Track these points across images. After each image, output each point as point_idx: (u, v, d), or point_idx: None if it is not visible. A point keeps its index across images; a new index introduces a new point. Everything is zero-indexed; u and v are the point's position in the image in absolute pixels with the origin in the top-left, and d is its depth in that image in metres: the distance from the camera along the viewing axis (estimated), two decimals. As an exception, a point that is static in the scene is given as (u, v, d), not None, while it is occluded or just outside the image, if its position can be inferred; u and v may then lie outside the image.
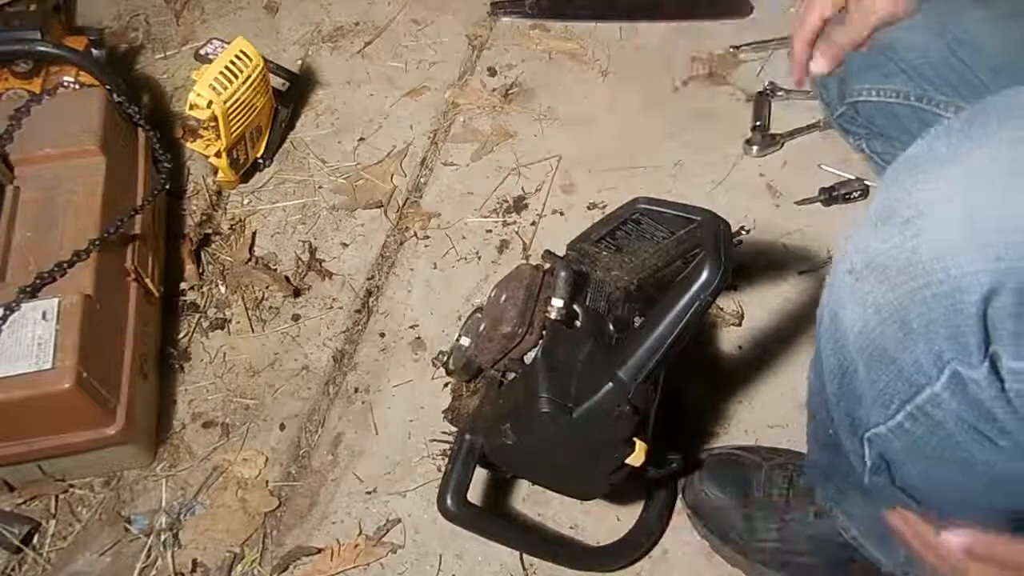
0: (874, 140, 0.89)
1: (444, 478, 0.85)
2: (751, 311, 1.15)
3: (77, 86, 1.22)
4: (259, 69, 1.23)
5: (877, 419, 0.58)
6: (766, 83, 1.41)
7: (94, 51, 1.26)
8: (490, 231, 1.27)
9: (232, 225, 1.28)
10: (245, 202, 1.32)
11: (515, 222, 1.27)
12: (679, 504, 0.98)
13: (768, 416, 1.06)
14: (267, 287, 1.21)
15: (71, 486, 1.02)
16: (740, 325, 1.14)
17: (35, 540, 0.99)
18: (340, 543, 0.98)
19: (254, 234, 1.27)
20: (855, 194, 1.25)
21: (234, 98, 1.19)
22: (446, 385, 1.08)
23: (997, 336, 0.46)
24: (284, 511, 1.02)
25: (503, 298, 0.87)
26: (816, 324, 0.63)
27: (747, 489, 0.93)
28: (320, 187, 1.33)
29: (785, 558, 0.90)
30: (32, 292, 0.94)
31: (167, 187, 1.17)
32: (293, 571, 0.97)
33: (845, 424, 0.64)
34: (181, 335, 1.16)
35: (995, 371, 0.47)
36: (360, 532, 0.99)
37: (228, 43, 1.22)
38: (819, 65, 0.86)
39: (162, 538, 0.99)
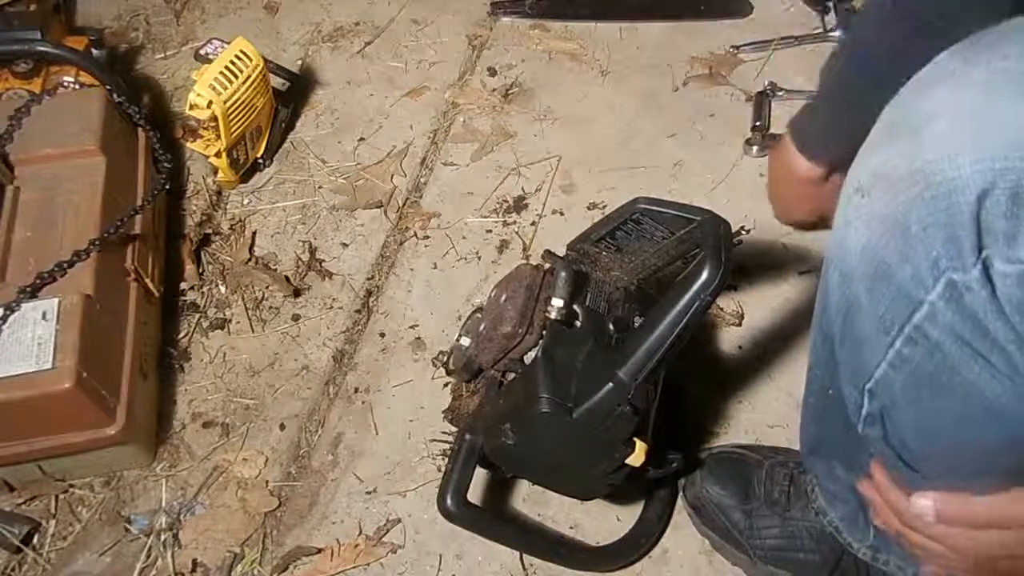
0: None
1: (444, 478, 0.85)
2: (751, 311, 1.15)
3: (77, 86, 1.22)
4: (259, 69, 1.23)
5: (878, 356, 0.58)
6: (766, 83, 1.41)
7: (94, 51, 1.26)
8: (490, 231, 1.27)
9: (232, 225, 1.28)
10: (245, 202, 1.32)
11: (515, 222, 1.27)
12: (680, 503, 0.98)
13: (768, 416, 1.06)
14: (267, 287, 1.21)
15: (71, 486, 1.02)
16: (740, 325, 1.14)
17: (35, 540, 0.99)
18: (340, 543, 0.98)
19: (254, 234, 1.27)
20: (855, 194, 1.25)
21: (234, 98, 1.19)
22: (446, 385, 1.08)
23: (989, 238, 0.46)
24: (284, 511, 1.02)
25: (503, 298, 0.87)
26: (824, 266, 0.63)
27: (748, 487, 0.93)
28: (320, 187, 1.33)
29: (786, 555, 0.90)
30: (32, 292, 0.94)
31: (167, 187, 1.17)
32: (293, 571, 0.97)
33: (847, 375, 0.64)
34: (181, 335, 1.16)
35: (987, 276, 0.47)
36: (360, 532, 0.99)
37: (228, 43, 1.23)
38: None
39: (162, 538, 0.99)
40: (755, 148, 1.33)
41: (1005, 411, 0.54)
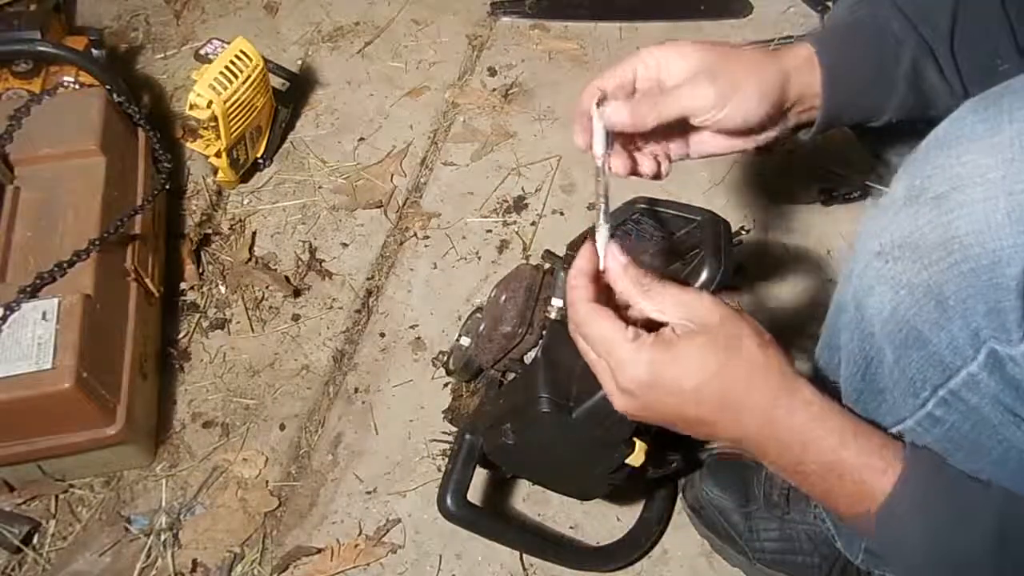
0: None
1: (444, 478, 0.85)
2: (751, 311, 1.15)
3: (77, 86, 1.22)
4: (259, 69, 1.23)
5: (903, 412, 0.57)
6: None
7: (94, 51, 1.26)
8: (490, 231, 1.27)
9: (232, 225, 1.28)
10: (245, 202, 1.32)
11: (515, 222, 1.27)
12: (679, 504, 0.98)
13: (768, 416, 1.06)
14: (267, 287, 1.21)
15: (71, 486, 1.02)
16: (740, 325, 1.14)
17: (35, 540, 0.99)
18: (340, 543, 0.98)
19: (254, 234, 1.27)
20: (855, 194, 1.25)
21: (234, 98, 1.19)
22: (446, 385, 1.08)
23: None
24: (284, 511, 1.02)
25: (503, 298, 0.87)
26: (832, 317, 0.63)
27: (747, 489, 0.93)
28: (320, 187, 1.33)
29: (785, 558, 0.90)
30: (32, 292, 0.94)
31: (167, 187, 1.17)
32: (293, 571, 0.97)
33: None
34: (181, 335, 1.16)
35: None
36: (360, 532, 0.99)
37: (228, 43, 1.22)
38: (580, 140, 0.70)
39: (162, 538, 0.99)
40: (755, 148, 1.33)
41: None
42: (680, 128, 0.69)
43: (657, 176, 0.73)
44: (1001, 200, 0.45)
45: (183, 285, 1.21)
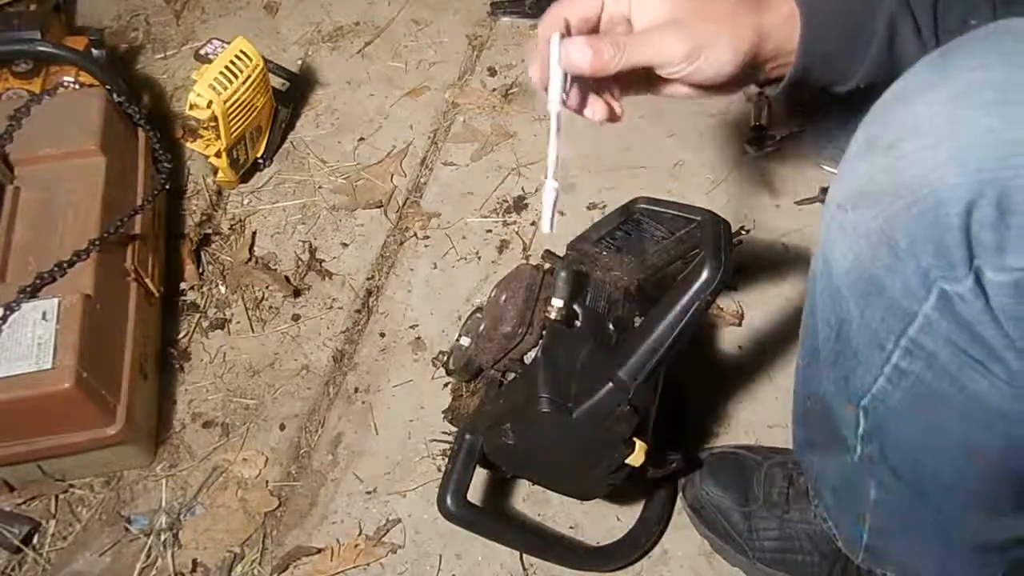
0: None
1: (444, 478, 0.85)
2: (751, 311, 1.15)
3: (77, 86, 1.22)
4: (259, 69, 1.23)
5: (874, 371, 0.58)
6: (766, 83, 1.40)
7: (94, 51, 1.26)
8: (490, 231, 1.27)
9: (232, 225, 1.28)
10: (245, 202, 1.32)
11: (515, 222, 1.27)
12: (679, 504, 0.98)
13: (768, 416, 1.06)
14: (267, 287, 1.21)
15: (71, 486, 1.02)
16: (740, 325, 1.14)
17: (35, 540, 0.99)
18: (340, 543, 0.98)
19: (254, 234, 1.27)
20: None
21: (234, 98, 1.19)
22: (446, 385, 1.08)
23: (979, 248, 0.47)
24: (284, 511, 1.02)
25: (503, 298, 0.87)
26: (809, 284, 0.63)
27: (747, 488, 0.93)
28: (320, 187, 1.33)
29: (785, 557, 0.90)
30: (32, 292, 0.94)
31: (167, 187, 1.17)
32: (293, 571, 0.97)
33: (842, 393, 0.64)
34: (181, 335, 1.16)
35: (980, 286, 0.48)
36: (360, 532, 0.99)
37: (228, 43, 1.22)
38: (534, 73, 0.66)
39: (162, 538, 0.99)
40: (755, 148, 1.33)
41: (1005, 415, 0.54)
42: (644, 73, 0.65)
43: (611, 120, 0.68)
44: (945, 144, 0.46)
45: (183, 285, 1.21)
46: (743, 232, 1.09)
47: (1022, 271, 0.46)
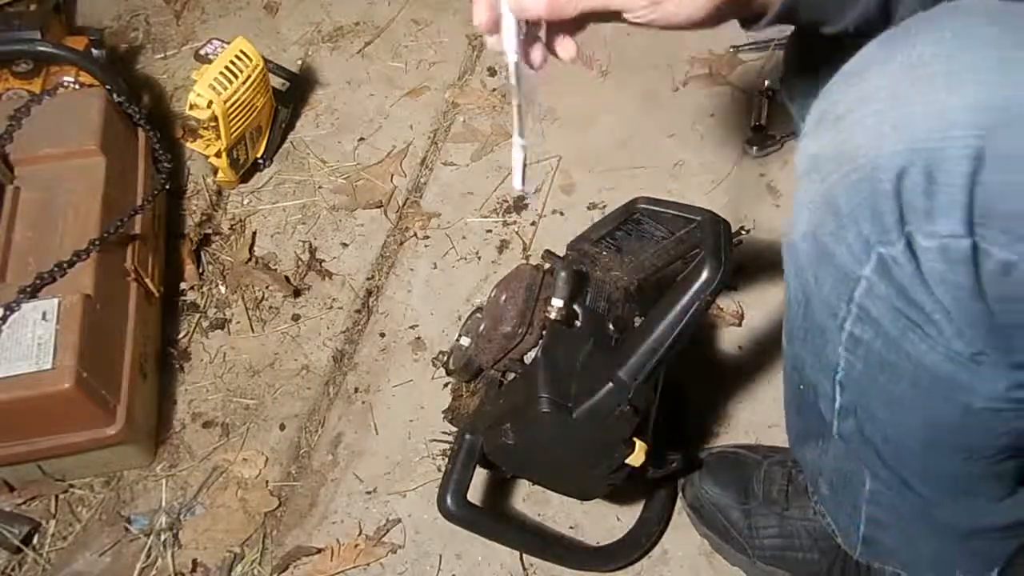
0: None
1: (444, 478, 0.85)
2: (751, 311, 1.15)
3: (77, 86, 1.22)
4: (259, 69, 1.23)
5: (836, 342, 0.59)
6: (766, 83, 1.41)
7: (94, 51, 1.26)
8: (490, 231, 1.27)
9: (232, 225, 1.28)
10: (245, 202, 1.32)
11: (515, 222, 1.27)
12: (679, 503, 0.98)
13: (768, 416, 1.06)
14: (267, 287, 1.21)
15: (71, 486, 1.02)
16: (740, 325, 1.14)
17: (35, 540, 0.99)
18: (340, 543, 0.98)
19: (254, 234, 1.27)
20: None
21: (234, 98, 1.19)
22: (446, 385, 1.08)
23: (911, 214, 0.48)
24: (284, 511, 1.02)
25: (503, 298, 0.87)
26: (783, 262, 0.64)
27: (747, 486, 0.93)
28: (320, 187, 1.33)
29: (785, 555, 0.90)
30: (32, 292, 0.94)
31: (167, 187, 1.17)
32: (293, 571, 0.97)
33: (818, 368, 0.64)
34: (181, 335, 1.16)
35: (912, 251, 0.49)
36: (360, 532, 0.99)
37: (228, 43, 1.22)
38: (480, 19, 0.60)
39: (162, 538, 0.99)
40: (755, 148, 1.33)
41: (947, 382, 0.55)
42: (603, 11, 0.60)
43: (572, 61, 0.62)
44: (888, 115, 0.47)
45: (183, 285, 1.21)
46: (743, 232, 1.09)
47: (949, 237, 0.47)
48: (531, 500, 1.01)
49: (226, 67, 1.19)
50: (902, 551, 0.79)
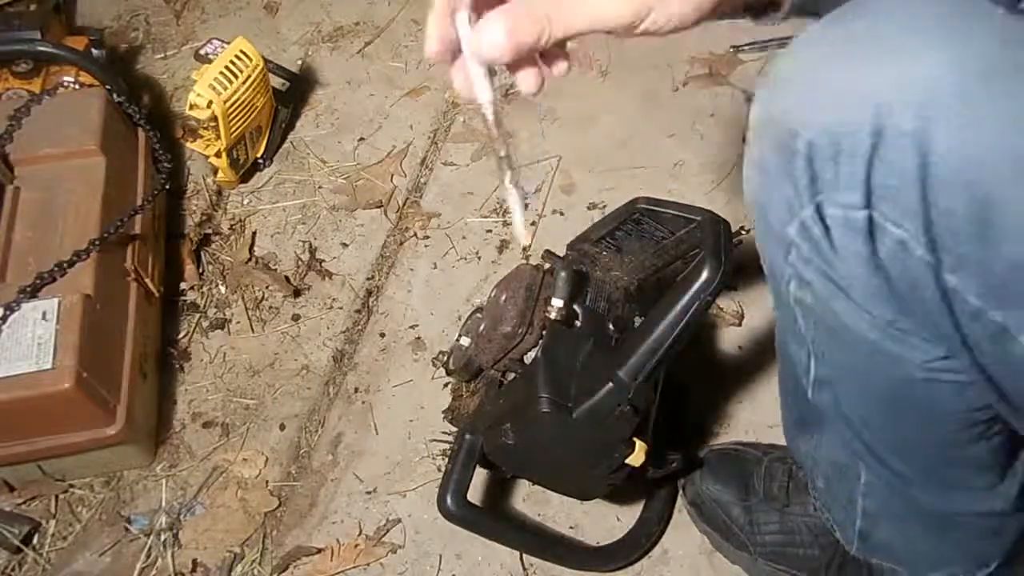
0: None
1: (444, 478, 0.85)
2: (751, 311, 1.15)
3: (77, 86, 1.22)
4: (259, 69, 1.23)
5: (789, 308, 0.60)
6: (766, 83, 1.41)
7: (94, 51, 1.26)
8: (490, 231, 1.27)
9: (232, 225, 1.28)
10: (245, 202, 1.32)
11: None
12: (680, 503, 0.98)
13: (768, 416, 1.06)
14: (267, 287, 1.21)
15: (71, 486, 1.02)
16: (740, 325, 1.14)
17: (35, 540, 0.99)
18: (340, 543, 0.98)
19: (254, 234, 1.27)
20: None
21: (234, 98, 1.19)
22: (446, 385, 1.08)
23: (821, 182, 0.49)
24: (284, 511, 1.02)
25: (503, 298, 0.87)
26: None
27: (747, 483, 0.93)
28: (320, 187, 1.33)
29: (786, 551, 0.90)
30: (32, 292, 0.94)
31: (167, 187, 1.17)
32: (293, 571, 0.97)
33: (796, 340, 0.65)
34: (181, 335, 1.16)
35: (822, 217, 0.51)
36: (360, 532, 0.99)
37: (228, 43, 1.22)
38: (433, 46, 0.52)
39: (162, 538, 0.99)
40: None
41: (882, 351, 0.56)
42: None
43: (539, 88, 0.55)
44: (813, 84, 0.49)
45: (183, 285, 1.21)
46: (743, 232, 1.09)
47: (849, 208, 0.48)
48: (531, 500, 1.01)
49: (226, 67, 1.19)
50: (897, 546, 0.79)
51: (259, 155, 1.33)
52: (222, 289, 1.21)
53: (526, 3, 0.47)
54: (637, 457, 0.80)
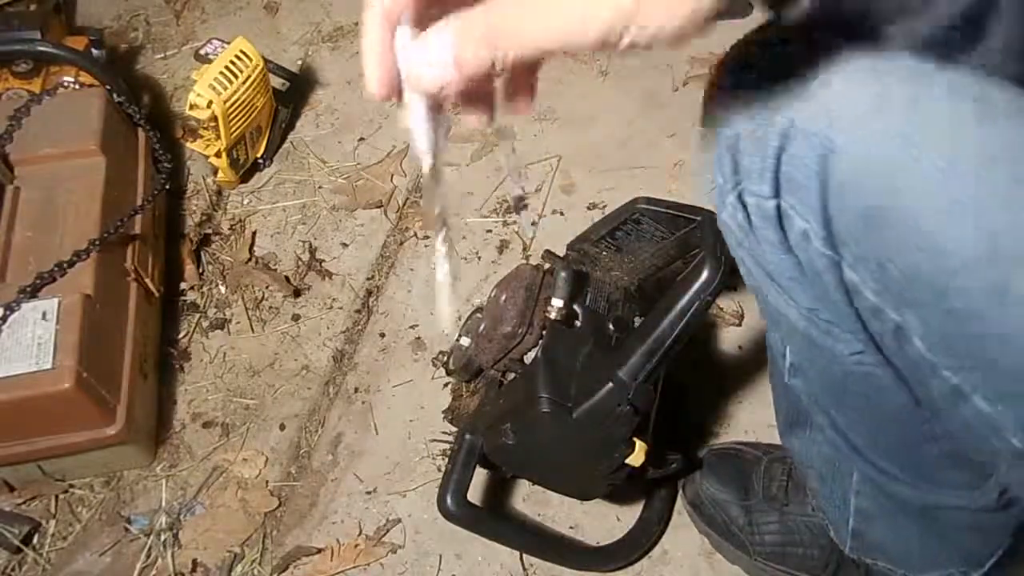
0: None
1: (444, 478, 0.85)
2: (751, 311, 1.15)
3: (77, 86, 1.22)
4: (259, 69, 1.23)
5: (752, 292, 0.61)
6: (766, 83, 1.41)
7: (94, 51, 1.26)
8: (490, 231, 1.27)
9: (232, 225, 1.28)
10: (245, 202, 1.32)
11: (515, 222, 1.27)
12: (679, 503, 0.98)
13: (768, 415, 1.05)
14: (267, 287, 1.21)
15: (71, 486, 1.02)
16: (740, 325, 1.14)
17: (35, 540, 0.99)
18: (340, 543, 0.98)
19: (254, 234, 1.27)
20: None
21: (234, 98, 1.19)
22: (446, 385, 1.08)
23: (742, 171, 0.51)
24: (284, 511, 1.02)
25: (503, 298, 0.87)
26: None
27: (747, 483, 0.93)
28: (320, 187, 1.33)
29: (786, 551, 0.90)
30: (32, 292, 0.94)
31: (167, 187, 1.17)
32: (293, 571, 0.97)
33: (772, 332, 0.66)
34: (181, 335, 1.16)
35: (743, 204, 0.53)
36: (360, 532, 0.99)
37: (228, 43, 1.22)
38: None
39: (162, 538, 0.99)
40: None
41: (814, 340, 0.57)
42: None
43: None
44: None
45: (183, 285, 1.21)
46: (743, 232, 1.09)
47: (761, 197, 0.50)
48: (531, 500, 1.01)
49: (226, 67, 1.19)
50: (890, 546, 0.79)
51: (259, 155, 1.33)
52: (222, 289, 1.21)
53: (474, 14, 0.37)
54: (637, 457, 0.80)
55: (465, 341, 0.91)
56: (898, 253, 0.46)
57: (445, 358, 0.94)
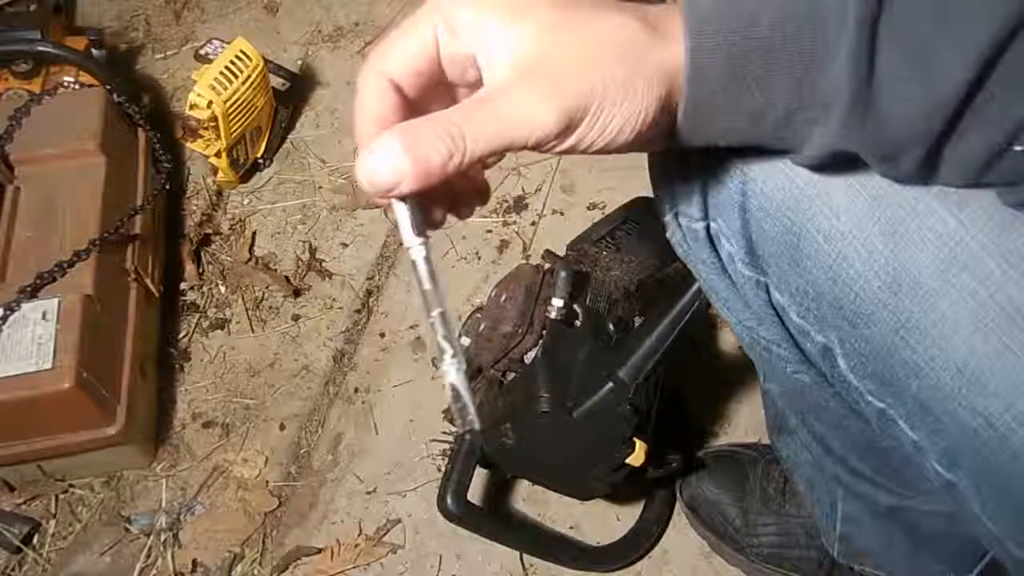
0: None
1: (444, 478, 0.85)
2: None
3: (77, 86, 1.22)
4: (259, 69, 1.23)
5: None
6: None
7: (94, 51, 1.26)
8: (490, 231, 1.27)
9: (232, 225, 1.28)
10: (245, 202, 1.32)
11: (515, 222, 1.27)
12: (679, 504, 0.98)
13: (768, 416, 1.06)
14: (267, 287, 1.21)
15: (71, 486, 1.02)
16: (740, 325, 1.14)
17: (35, 540, 0.99)
18: (340, 543, 0.98)
19: (254, 234, 1.27)
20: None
21: (234, 98, 1.19)
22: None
23: (676, 193, 0.51)
24: (284, 511, 1.02)
25: (503, 298, 0.87)
26: None
27: (744, 484, 0.93)
28: (320, 187, 1.33)
29: (783, 552, 0.90)
30: (32, 292, 0.94)
31: (167, 187, 1.17)
32: (293, 571, 0.97)
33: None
34: (181, 335, 1.16)
35: (679, 223, 0.53)
36: (360, 532, 0.99)
37: (228, 43, 1.22)
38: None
39: (162, 538, 0.99)
40: (755, 148, 1.33)
41: (760, 354, 0.57)
42: None
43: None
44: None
45: (183, 285, 1.21)
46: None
47: (691, 219, 0.51)
48: (531, 500, 1.01)
49: (226, 67, 1.18)
50: (876, 550, 0.79)
51: (259, 155, 1.33)
52: (222, 289, 1.21)
53: (429, 117, 0.37)
54: (637, 457, 0.80)
55: (465, 341, 0.91)
56: (814, 279, 0.46)
57: (445, 358, 0.94)
